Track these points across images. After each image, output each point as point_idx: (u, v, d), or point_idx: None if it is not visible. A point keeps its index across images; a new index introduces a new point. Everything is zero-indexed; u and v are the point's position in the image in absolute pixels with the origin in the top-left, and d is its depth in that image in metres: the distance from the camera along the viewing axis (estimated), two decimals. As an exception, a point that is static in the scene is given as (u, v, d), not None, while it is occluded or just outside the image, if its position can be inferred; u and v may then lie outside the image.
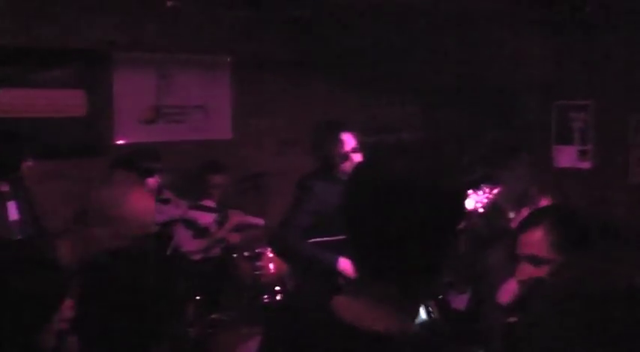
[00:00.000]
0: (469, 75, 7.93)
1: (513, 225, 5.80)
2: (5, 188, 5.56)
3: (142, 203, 3.56)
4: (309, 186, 5.32)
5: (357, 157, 5.18)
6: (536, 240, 3.09)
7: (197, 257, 6.88)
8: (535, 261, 3.07)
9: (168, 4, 6.78)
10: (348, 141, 5.20)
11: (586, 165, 7.61)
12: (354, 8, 7.19)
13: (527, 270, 3.09)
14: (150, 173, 6.15)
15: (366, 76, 8.56)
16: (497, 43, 7.47)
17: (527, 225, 3.18)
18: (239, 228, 7.15)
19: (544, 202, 5.93)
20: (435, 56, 7.98)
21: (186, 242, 6.61)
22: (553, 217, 3.17)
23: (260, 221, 7.14)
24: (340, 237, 4.62)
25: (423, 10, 7.19)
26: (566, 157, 7.73)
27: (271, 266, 6.86)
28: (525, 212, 5.83)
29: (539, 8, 6.91)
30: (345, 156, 5.14)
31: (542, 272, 3.01)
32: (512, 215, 5.98)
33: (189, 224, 6.61)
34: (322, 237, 5.09)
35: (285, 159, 8.42)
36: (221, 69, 8.20)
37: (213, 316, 6.40)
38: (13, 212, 5.57)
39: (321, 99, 8.64)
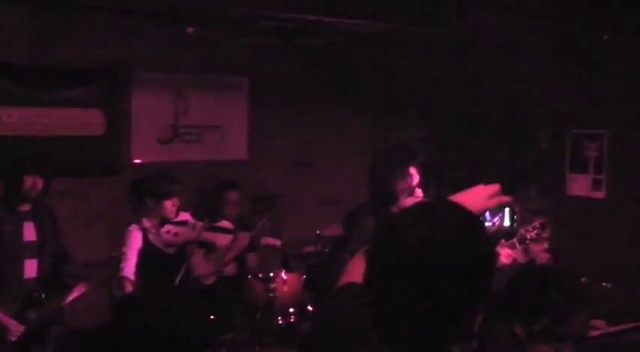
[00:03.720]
0: (483, 101, 8.09)
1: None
2: (26, 208, 5.66)
3: None
4: (358, 222, 5.04)
5: (419, 193, 4.93)
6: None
7: (209, 281, 7.03)
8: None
9: (189, 30, 6.94)
10: (415, 175, 4.94)
11: (600, 194, 7.62)
12: (366, 36, 7.33)
13: None
14: (168, 196, 6.25)
15: (381, 100, 8.77)
16: (512, 70, 7.55)
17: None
18: (254, 248, 7.32)
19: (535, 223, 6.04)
20: (447, 81, 8.17)
21: (199, 265, 6.73)
22: None
23: (276, 242, 7.28)
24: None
25: (436, 37, 7.31)
26: (580, 186, 7.77)
27: (285, 288, 6.95)
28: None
29: (556, 36, 7.03)
30: (411, 192, 4.88)
31: None
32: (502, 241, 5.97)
33: (206, 246, 6.73)
34: None
35: (299, 181, 8.67)
36: (238, 90, 8.42)
37: (226, 336, 6.54)
38: (29, 233, 5.67)
39: (335, 121, 8.88)
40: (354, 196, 7.55)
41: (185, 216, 6.45)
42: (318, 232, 7.41)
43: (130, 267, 6.05)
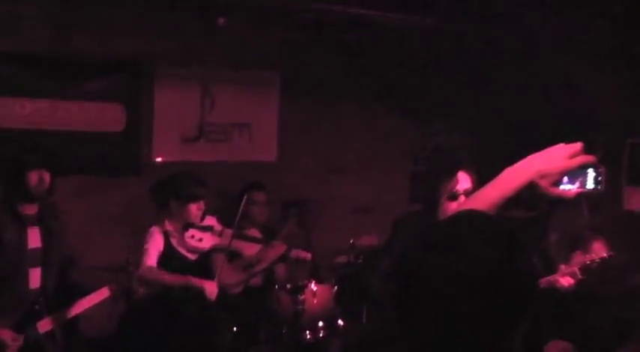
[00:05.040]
0: (533, 107, 7.86)
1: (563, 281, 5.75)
2: (31, 211, 5.37)
3: None
4: (396, 225, 5.16)
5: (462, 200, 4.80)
6: None
7: (236, 290, 6.94)
8: None
9: (219, 22, 6.83)
10: (463, 181, 4.88)
11: (660, 209, 7.36)
12: (409, 33, 7.19)
13: None
14: (193, 198, 6.14)
15: (422, 103, 8.58)
16: (565, 74, 7.38)
17: None
18: (282, 260, 7.15)
19: (597, 247, 5.92)
20: (495, 85, 7.95)
21: (226, 274, 6.58)
22: None
23: (307, 255, 7.04)
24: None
25: (485, 37, 7.15)
26: (638, 200, 7.58)
27: (314, 300, 6.78)
28: (579, 257, 5.86)
29: (612, 39, 6.85)
30: (455, 196, 4.82)
31: None
32: (563, 267, 5.96)
33: (233, 255, 6.62)
34: None
35: (332, 187, 8.54)
36: (269, 87, 8.30)
37: (250, 351, 6.48)
38: (34, 239, 5.38)
39: (372, 123, 8.76)
40: (391, 204, 7.47)
41: (211, 220, 6.36)
42: (351, 241, 7.26)
43: (152, 260, 5.95)
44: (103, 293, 5.52)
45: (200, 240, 6.16)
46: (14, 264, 5.28)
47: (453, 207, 4.74)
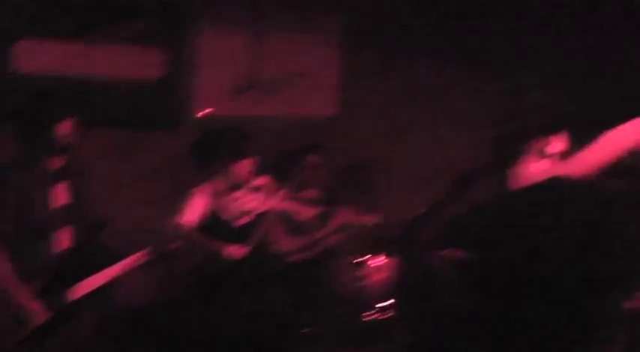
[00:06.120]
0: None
1: None
2: (58, 166, 5.10)
3: None
4: (462, 183, 5.13)
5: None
6: None
7: (294, 258, 6.66)
8: None
9: None
10: (558, 142, 4.45)
11: None
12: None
13: None
14: (242, 156, 6.00)
15: (504, 55, 8.14)
16: None
17: None
18: (344, 228, 6.93)
19: None
20: (593, 33, 7.59)
21: (280, 239, 6.42)
22: None
23: (371, 220, 6.93)
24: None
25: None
26: None
27: (379, 276, 6.70)
28: None
29: None
30: (544, 156, 4.29)
31: None
32: None
33: (286, 218, 6.45)
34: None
35: (401, 147, 8.16)
36: (328, 31, 8.00)
37: (305, 331, 6.40)
38: (61, 195, 5.12)
39: (447, 74, 8.35)
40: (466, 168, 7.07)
41: (261, 181, 6.25)
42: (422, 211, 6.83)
43: (189, 219, 5.78)
44: (138, 259, 5.24)
45: (249, 202, 6.04)
46: (38, 224, 4.99)
47: (538, 167, 4.37)
